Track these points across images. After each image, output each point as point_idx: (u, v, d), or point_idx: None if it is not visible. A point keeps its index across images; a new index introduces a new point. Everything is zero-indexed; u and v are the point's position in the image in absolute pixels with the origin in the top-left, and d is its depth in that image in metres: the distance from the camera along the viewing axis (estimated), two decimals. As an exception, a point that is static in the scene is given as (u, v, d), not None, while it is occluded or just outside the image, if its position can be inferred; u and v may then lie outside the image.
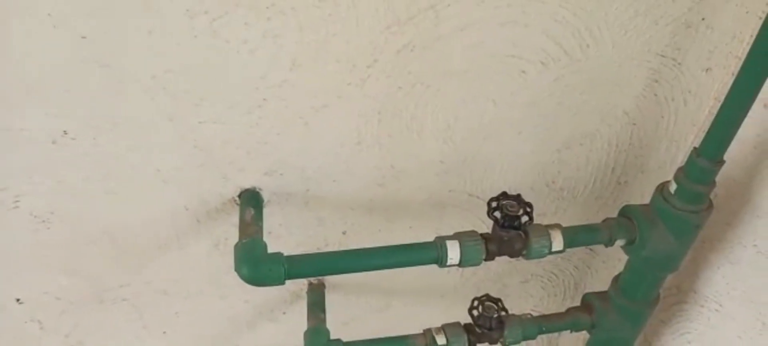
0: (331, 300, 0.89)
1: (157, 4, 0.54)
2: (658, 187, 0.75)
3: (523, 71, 0.68)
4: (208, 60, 0.59)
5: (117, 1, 0.53)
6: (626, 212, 0.76)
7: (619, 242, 0.75)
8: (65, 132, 0.60)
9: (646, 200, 0.76)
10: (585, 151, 0.80)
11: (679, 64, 0.72)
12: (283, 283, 0.64)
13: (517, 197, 0.69)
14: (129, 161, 0.65)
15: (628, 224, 0.74)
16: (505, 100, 0.71)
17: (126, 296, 0.79)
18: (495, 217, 0.68)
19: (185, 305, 0.83)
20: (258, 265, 0.64)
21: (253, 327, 0.90)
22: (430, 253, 0.68)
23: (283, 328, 0.91)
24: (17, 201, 0.65)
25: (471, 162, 0.77)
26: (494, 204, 0.68)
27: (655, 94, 0.75)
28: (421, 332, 0.79)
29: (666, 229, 0.73)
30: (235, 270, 0.63)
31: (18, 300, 0.75)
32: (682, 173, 0.70)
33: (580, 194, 0.85)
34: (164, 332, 0.86)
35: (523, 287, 0.99)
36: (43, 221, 0.67)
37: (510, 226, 0.68)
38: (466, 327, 0.78)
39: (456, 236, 0.69)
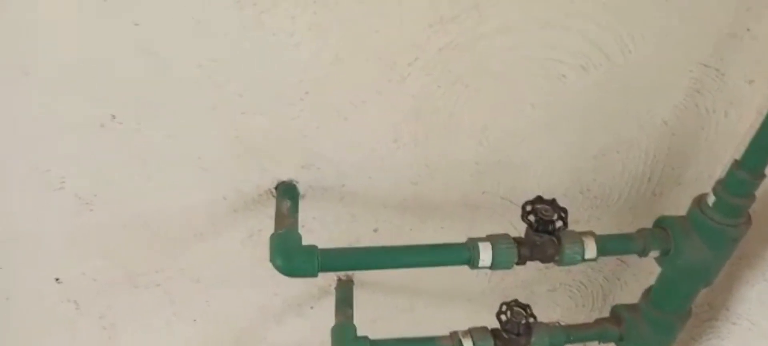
0: (359, 297, 0.89)
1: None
2: (695, 199, 0.74)
3: (563, 75, 0.68)
4: (253, 51, 0.60)
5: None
6: (662, 223, 0.75)
7: (653, 253, 0.75)
8: (113, 116, 0.62)
9: (682, 212, 0.75)
10: (621, 159, 0.79)
11: (722, 74, 0.71)
12: (316, 275, 0.65)
13: (552, 202, 0.69)
14: (170, 148, 0.66)
15: (663, 234, 0.73)
16: (543, 104, 0.71)
17: (159, 282, 0.80)
18: (529, 220, 0.68)
19: (216, 294, 0.84)
20: (292, 256, 0.65)
21: (281, 321, 0.91)
22: (462, 254, 0.68)
23: (311, 323, 0.92)
24: (63, 182, 0.67)
25: (506, 165, 0.76)
26: (529, 208, 0.68)
27: (696, 105, 0.74)
28: (448, 334, 0.79)
29: (702, 241, 0.72)
30: (270, 260, 0.64)
31: (57, 279, 0.77)
32: (721, 186, 0.69)
33: (614, 202, 0.84)
34: (194, 320, 0.87)
35: (551, 295, 0.98)
36: (86, 203, 0.69)
37: (544, 230, 0.67)
38: (493, 332, 0.78)
39: (488, 238, 0.68)
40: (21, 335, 0.82)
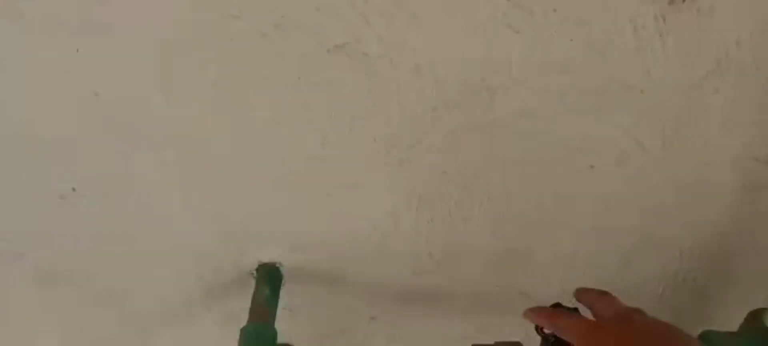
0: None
1: (177, 69, 0.49)
2: (750, 315, 0.62)
3: (592, 166, 0.59)
4: (229, 127, 0.53)
5: (133, 63, 0.48)
6: (706, 338, 0.63)
7: (694, 375, 0.63)
8: (74, 189, 0.56)
9: (734, 321, 0.63)
10: (659, 257, 0.68)
11: (783, 171, 0.60)
12: (290, 382, 0.56)
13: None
14: (140, 224, 0.59)
15: (708, 353, 0.62)
16: (568, 196, 0.61)
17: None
18: (544, 334, 0.58)
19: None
20: (264, 358, 0.56)
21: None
22: (464, 366, 0.58)
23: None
24: (22, 254, 0.60)
25: (523, 258, 0.67)
26: (545, 317, 0.58)
27: (751, 203, 0.63)
28: None
29: (754, 366, 0.61)
30: (238, 360, 0.56)
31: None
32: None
33: (646, 302, 0.73)
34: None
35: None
36: (49, 279, 0.62)
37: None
38: None
39: (494, 346, 0.59)
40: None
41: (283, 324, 0.61)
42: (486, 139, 0.55)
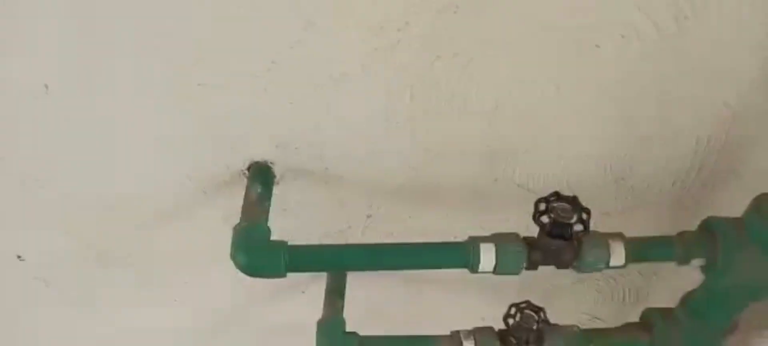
0: (353, 283, 0.80)
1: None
2: (755, 199, 0.60)
3: (597, 46, 0.55)
4: (204, 12, 0.49)
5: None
6: (709, 227, 0.62)
7: (697, 262, 0.63)
8: (46, 86, 0.53)
9: (737, 212, 0.61)
10: (668, 146, 0.65)
11: (805, 50, 0.56)
12: (283, 276, 0.56)
13: (573, 200, 0.57)
14: (125, 124, 0.57)
15: (710, 241, 0.61)
16: (571, 82, 0.58)
17: (132, 262, 0.74)
18: (541, 222, 0.56)
19: (195, 275, 0.77)
20: (256, 253, 0.56)
21: (270, 303, 0.84)
22: (460, 256, 0.58)
23: (303, 307, 0.84)
24: (2, 156, 0.59)
25: (523, 149, 0.64)
26: (542, 206, 0.56)
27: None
28: (449, 333, 0.70)
29: (760, 252, 0.59)
30: (231, 257, 0.56)
31: (19, 257, 0.70)
32: (791, 188, 0.56)
33: (654, 195, 0.71)
34: (175, 300, 0.81)
35: (576, 287, 0.87)
36: (36, 180, 0.61)
37: (559, 235, 0.56)
38: (501, 334, 0.68)
39: (493, 239, 0.58)
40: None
41: (277, 224, 0.60)
42: (480, 19, 0.51)
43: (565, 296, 0.88)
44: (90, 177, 0.62)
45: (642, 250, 0.61)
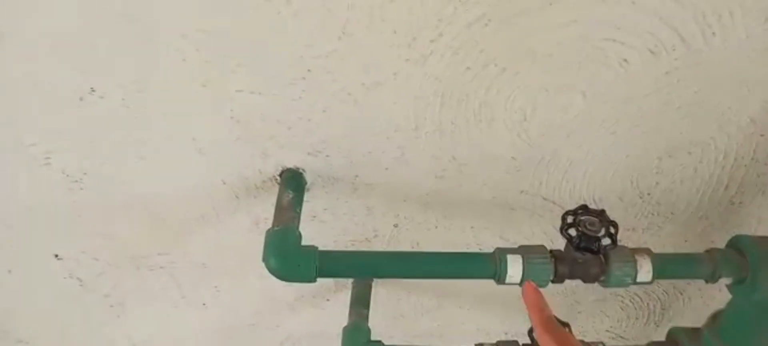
0: (378, 293, 0.81)
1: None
2: (784, 218, 0.60)
3: (625, 60, 0.56)
4: (244, 21, 0.51)
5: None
6: (737, 244, 0.62)
7: (725, 280, 0.62)
8: (93, 89, 0.55)
9: (766, 229, 0.61)
10: (693, 161, 0.66)
11: (834, 65, 0.56)
12: (313, 281, 0.57)
13: (601, 214, 0.57)
14: (161, 127, 0.59)
15: (739, 258, 0.61)
16: (598, 93, 0.58)
17: (163, 265, 0.75)
18: (569, 235, 0.57)
19: (224, 280, 0.79)
20: (288, 257, 0.57)
21: (295, 310, 0.85)
22: (487, 267, 0.58)
23: (326, 315, 0.85)
24: (48, 158, 0.61)
25: (549, 161, 0.65)
26: (570, 219, 0.57)
27: (795, 102, 0.60)
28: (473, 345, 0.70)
29: (789, 271, 0.59)
30: (263, 260, 0.57)
31: (56, 256, 0.73)
32: (821, 205, 0.56)
33: (681, 211, 0.71)
34: (204, 304, 0.82)
35: (599, 305, 0.86)
36: (76, 181, 0.63)
37: (586, 248, 0.56)
38: (525, 349, 0.69)
39: (520, 250, 0.59)
40: (27, 309, 0.80)
41: (307, 231, 0.61)
42: (511, 31, 0.53)
43: (588, 313, 0.88)
44: (128, 180, 0.64)
45: (670, 266, 0.61)
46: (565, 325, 0.67)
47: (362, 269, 0.59)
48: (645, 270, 0.59)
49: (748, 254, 0.60)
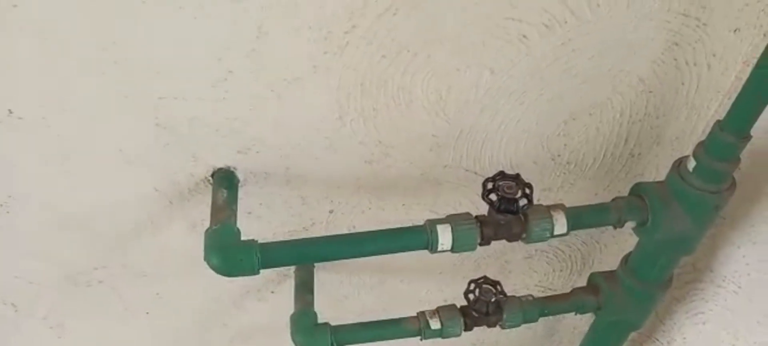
0: (321, 278, 0.84)
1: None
2: (674, 163, 0.67)
3: (524, 36, 0.61)
4: (160, 29, 0.52)
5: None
6: (638, 191, 0.69)
7: (630, 224, 0.69)
8: (10, 111, 0.55)
9: (663, 175, 0.69)
10: (594, 121, 0.72)
11: (704, 24, 0.64)
12: (257, 273, 0.59)
13: (516, 177, 0.63)
14: (86, 143, 0.59)
15: (640, 204, 0.68)
16: (504, 68, 0.63)
17: (102, 279, 0.75)
18: (490, 200, 0.62)
19: (166, 286, 0.79)
20: (229, 253, 0.59)
21: (241, 306, 0.86)
22: (419, 238, 0.62)
23: (273, 306, 0.87)
24: (-31, 185, 0.60)
25: (467, 135, 0.70)
26: (489, 185, 0.62)
27: (675, 59, 0.67)
28: (415, 314, 0.74)
29: (682, 210, 0.67)
30: (205, 259, 0.59)
31: (-13, 284, 0.71)
32: (702, 149, 0.63)
33: (588, 167, 0.78)
34: (147, 313, 0.82)
35: (527, 262, 0.93)
36: (1, 205, 0.62)
37: (507, 210, 0.61)
38: (463, 310, 0.74)
39: (448, 220, 0.63)
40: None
41: (245, 227, 0.63)
42: (419, 18, 0.56)
43: (518, 271, 0.94)
44: (56, 198, 0.64)
45: (581, 217, 0.67)
46: (496, 283, 0.72)
47: (303, 255, 0.62)
48: (560, 223, 0.65)
49: (647, 199, 0.67)
